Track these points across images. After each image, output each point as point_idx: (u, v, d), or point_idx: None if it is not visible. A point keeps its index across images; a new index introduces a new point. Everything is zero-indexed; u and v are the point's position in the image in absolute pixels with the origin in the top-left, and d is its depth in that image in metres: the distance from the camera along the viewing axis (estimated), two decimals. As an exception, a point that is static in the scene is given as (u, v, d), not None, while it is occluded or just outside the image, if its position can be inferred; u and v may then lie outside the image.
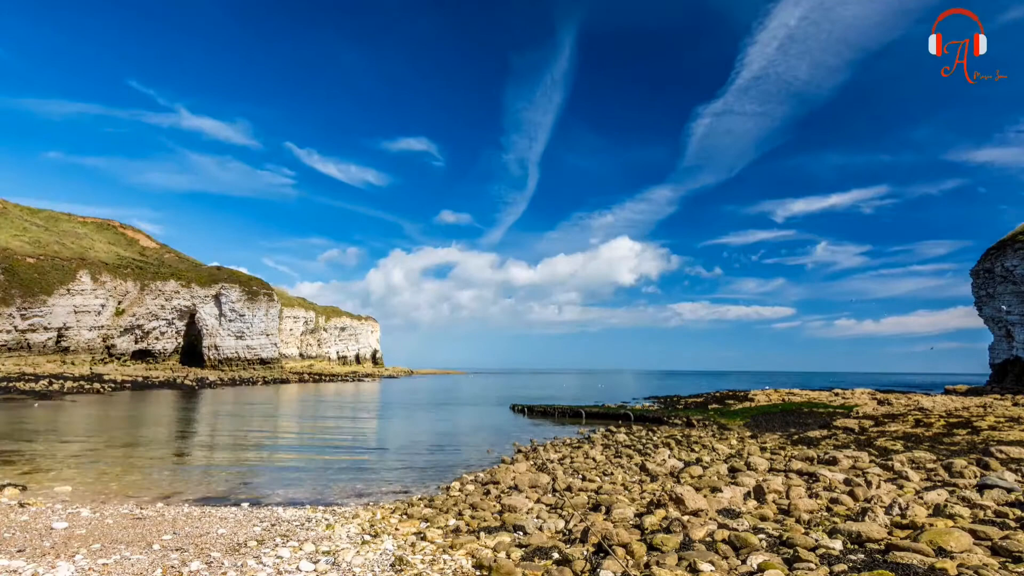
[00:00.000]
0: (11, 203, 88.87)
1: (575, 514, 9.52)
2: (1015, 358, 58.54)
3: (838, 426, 23.46)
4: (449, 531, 9.06)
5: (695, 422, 28.98)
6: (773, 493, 10.68)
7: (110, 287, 76.57)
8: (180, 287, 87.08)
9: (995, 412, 25.40)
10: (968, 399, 36.41)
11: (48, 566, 6.85)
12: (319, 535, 8.76)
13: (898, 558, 6.55)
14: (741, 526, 8.39)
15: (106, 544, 7.98)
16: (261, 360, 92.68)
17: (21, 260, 68.98)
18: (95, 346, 74.19)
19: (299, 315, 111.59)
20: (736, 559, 6.91)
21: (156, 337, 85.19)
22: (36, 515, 9.63)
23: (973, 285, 64.76)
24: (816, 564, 6.59)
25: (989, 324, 62.89)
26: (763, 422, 28.48)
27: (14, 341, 63.91)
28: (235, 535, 8.66)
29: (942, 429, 20.52)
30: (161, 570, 6.90)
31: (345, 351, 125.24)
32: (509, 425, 30.47)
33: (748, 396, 45.58)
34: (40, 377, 52.99)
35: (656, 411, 34.58)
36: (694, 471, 13.95)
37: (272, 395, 50.73)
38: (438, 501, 11.47)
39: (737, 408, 35.36)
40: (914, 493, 10.69)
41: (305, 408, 39.93)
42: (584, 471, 14.79)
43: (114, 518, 9.64)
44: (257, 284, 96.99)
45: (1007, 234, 62.77)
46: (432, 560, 7.45)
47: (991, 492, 9.90)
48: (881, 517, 8.17)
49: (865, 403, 35.70)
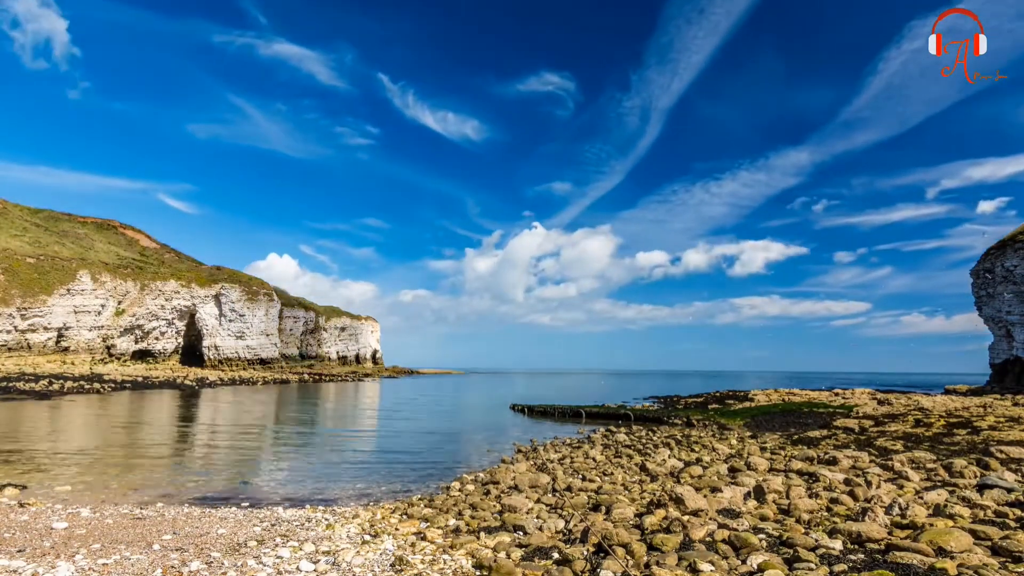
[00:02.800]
0: (11, 203, 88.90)
1: (575, 514, 9.52)
2: (1015, 358, 58.55)
3: (838, 426, 23.45)
4: (449, 531, 9.06)
5: (695, 422, 28.97)
6: (773, 493, 10.67)
7: (110, 287, 76.56)
8: (180, 287, 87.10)
9: (995, 412, 25.40)
10: (968, 399, 36.42)
11: (48, 566, 6.84)
12: (319, 535, 8.76)
13: (898, 558, 6.55)
14: (741, 526, 8.39)
15: (106, 544, 7.97)
16: (261, 360, 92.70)
17: (21, 260, 68.98)
18: (95, 346, 74.19)
19: (299, 315, 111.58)
20: (736, 559, 6.91)
21: (156, 337, 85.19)
22: (36, 515, 9.62)
23: (973, 285, 64.78)
24: (816, 564, 6.59)
25: (989, 324, 62.90)
26: (763, 422, 28.48)
27: (14, 341, 63.90)
28: (235, 535, 8.66)
29: (942, 429, 20.52)
30: (161, 570, 6.90)
31: (345, 351, 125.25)
32: (509, 425, 30.47)
33: (748, 396, 45.61)
34: (40, 377, 52.98)
35: (656, 411, 34.58)
36: (694, 471, 13.95)
37: (272, 395, 50.73)
38: (438, 501, 11.47)
39: (737, 408, 35.37)
40: (914, 493, 10.69)
41: (305, 408, 39.92)
42: (584, 471, 14.78)
43: (114, 518, 9.64)
44: (257, 284, 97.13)
45: (1007, 234, 62.81)
46: (432, 560, 7.45)
47: (991, 492, 9.90)
48: (881, 517, 8.17)
49: (865, 403, 35.71)
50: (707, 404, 41.28)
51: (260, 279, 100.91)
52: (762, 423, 28.21)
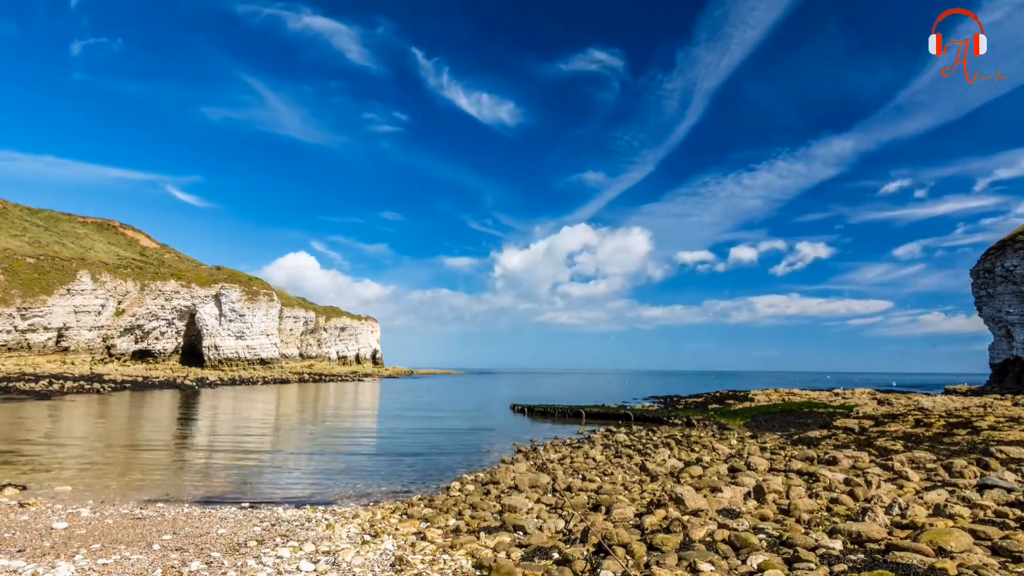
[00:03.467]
0: (11, 203, 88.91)
1: (575, 514, 9.52)
2: (1015, 358, 58.55)
3: (838, 426, 23.45)
4: (449, 531, 9.06)
5: (695, 422, 28.96)
6: (773, 493, 10.67)
7: (110, 287, 76.57)
8: (180, 287, 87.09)
9: (995, 412, 25.40)
10: (968, 399, 36.43)
11: (48, 566, 6.84)
12: (319, 535, 8.76)
13: (898, 558, 6.55)
14: (741, 526, 8.39)
15: (106, 544, 7.97)
16: (261, 360, 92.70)
17: (21, 260, 68.98)
18: (95, 346, 74.19)
19: (299, 315, 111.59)
20: (736, 559, 6.91)
21: (156, 337, 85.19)
22: (36, 515, 9.62)
23: (973, 285, 64.78)
24: (816, 564, 6.59)
25: (989, 324, 62.91)
26: (763, 422, 28.49)
27: (14, 341, 63.90)
28: (235, 535, 8.66)
29: (942, 429, 20.51)
30: (161, 570, 6.90)
31: (345, 351, 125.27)
32: (509, 425, 30.46)
33: (748, 396, 45.62)
34: (40, 377, 52.98)
35: (656, 411, 34.58)
36: (694, 471, 13.94)
37: (272, 395, 50.72)
38: (438, 501, 11.47)
39: (737, 408, 35.37)
40: (914, 493, 10.69)
41: (305, 408, 39.92)
42: (584, 471, 14.78)
43: (114, 518, 9.64)
44: (257, 284, 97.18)
45: (1007, 234, 62.83)
46: (432, 560, 7.45)
47: (991, 492, 9.91)
48: (881, 517, 8.17)
49: (865, 403, 35.71)
50: (707, 404, 41.27)
51: (260, 279, 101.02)
52: (762, 423, 28.22)
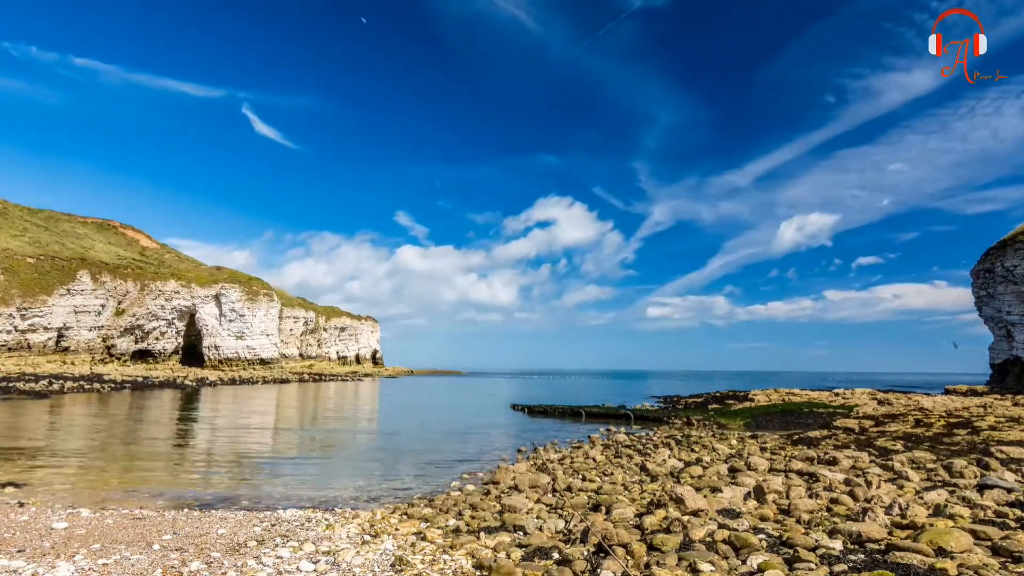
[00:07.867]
0: (11, 203, 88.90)
1: (575, 514, 9.51)
2: (1015, 358, 58.53)
3: (838, 426, 23.44)
4: (449, 531, 9.06)
5: (695, 422, 28.96)
6: (773, 493, 10.67)
7: (110, 287, 76.58)
8: (180, 287, 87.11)
9: (995, 412, 25.40)
10: (968, 399, 36.42)
11: (48, 566, 6.84)
12: (319, 535, 8.76)
13: (898, 558, 6.55)
14: (741, 526, 8.39)
15: (106, 544, 7.97)
16: (261, 360, 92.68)
17: (21, 260, 68.99)
18: (95, 346, 74.19)
19: (299, 315, 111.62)
20: (736, 559, 6.91)
21: (156, 337, 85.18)
22: (36, 515, 9.63)
23: (973, 285, 64.75)
24: (816, 564, 6.59)
25: (989, 324, 62.88)
26: (763, 422, 28.48)
27: (14, 341, 63.90)
28: (235, 535, 8.66)
29: (942, 429, 20.51)
30: (161, 570, 6.90)
31: (345, 351, 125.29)
32: (509, 425, 30.47)
33: (748, 396, 45.60)
34: (40, 377, 52.97)
35: (656, 411, 34.59)
36: (694, 471, 13.94)
37: (272, 395, 50.72)
38: (438, 501, 11.47)
39: (737, 408, 35.36)
40: (914, 493, 10.68)
41: (305, 408, 39.92)
42: (584, 471, 14.78)
43: (114, 518, 9.64)
44: (257, 284, 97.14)
45: (1007, 234, 62.80)
46: (432, 560, 7.45)
47: (991, 492, 9.90)
48: (881, 517, 8.17)
49: (865, 403, 35.70)
50: (707, 404, 41.28)
51: (260, 279, 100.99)
52: (762, 423, 28.21)
